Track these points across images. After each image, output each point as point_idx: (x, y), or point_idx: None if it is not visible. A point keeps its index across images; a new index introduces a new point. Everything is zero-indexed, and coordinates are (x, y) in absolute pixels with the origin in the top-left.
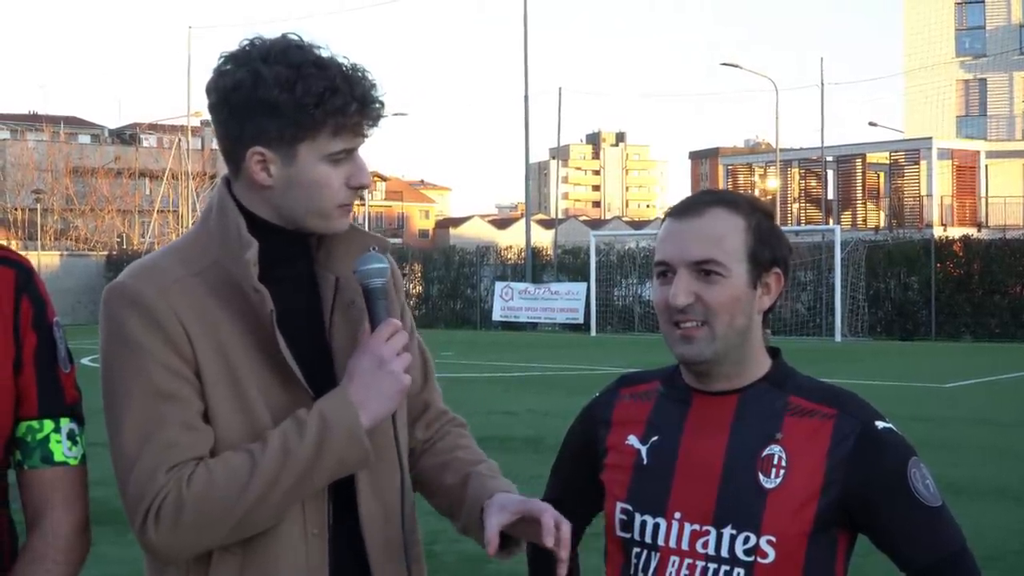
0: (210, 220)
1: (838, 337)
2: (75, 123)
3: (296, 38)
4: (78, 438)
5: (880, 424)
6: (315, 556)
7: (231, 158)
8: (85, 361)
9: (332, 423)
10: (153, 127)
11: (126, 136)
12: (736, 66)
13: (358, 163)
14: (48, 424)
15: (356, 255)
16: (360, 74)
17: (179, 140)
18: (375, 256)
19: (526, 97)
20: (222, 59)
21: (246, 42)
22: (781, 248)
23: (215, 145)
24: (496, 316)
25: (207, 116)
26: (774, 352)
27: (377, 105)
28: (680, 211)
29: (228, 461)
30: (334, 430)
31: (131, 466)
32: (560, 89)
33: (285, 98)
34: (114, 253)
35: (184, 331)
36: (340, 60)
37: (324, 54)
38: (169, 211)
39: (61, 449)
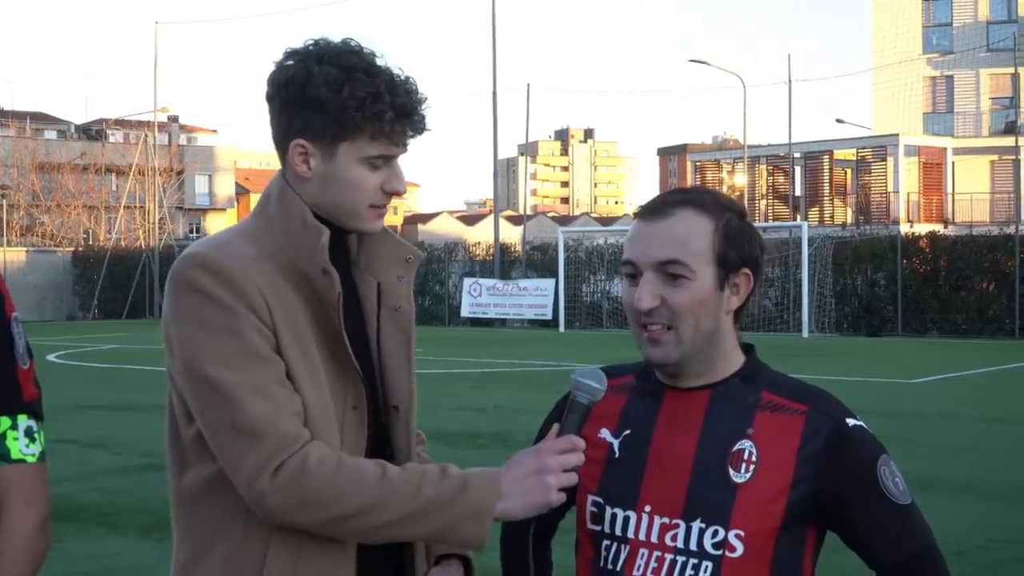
0: (270, 209)
1: (805, 333)
2: (41, 119)
3: (355, 44)
4: (36, 435)
5: (851, 422)
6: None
7: (280, 148)
8: (51, 357)
9: (469, 494)
10: (120, 123)
11: (92, 132)
12: (704, 63)
13: (395, 170)
14: (4, 421)
15: (394, 262)
16: (406, 86)
17: (145, 136)
18: (598, 376)
19: (494, 93)
20: (284, 55)
21: (311, 41)
22: (751, 247)
23: (182, 141)
24: (465, 312)
25: (174, 112)
26: (747, 348)
27: (416, 117)
28: (648, 211)
29: (361, 463)
30: (467, 501)
31: (254, 420)
32: (528, 85)
33: (331, 97)
34: (80, 249)
35: (266, 303)
36: (391, 70)
37: (378, 63)
38: (135, 207)
39: (18, 446)
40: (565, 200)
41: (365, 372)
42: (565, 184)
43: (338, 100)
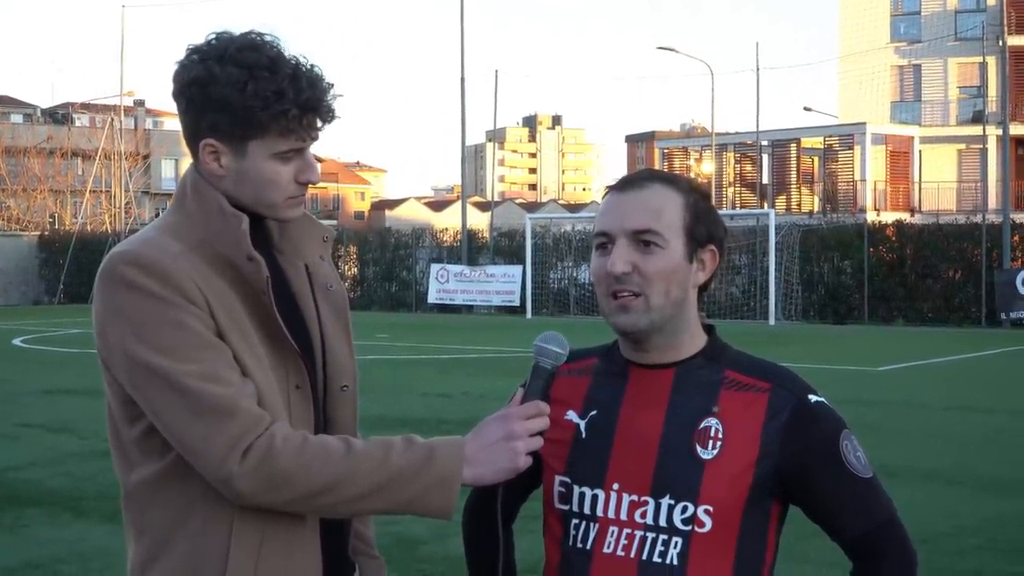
0: (186, 202)
1: (772, 321)
2: (7, 102)
3: (256, 37)
4: None
5: (813, 398)
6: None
7: (190, 146)
8: (17, 342)
9: (436, 461)
10: (86, 106)
11: (59, 116)
12: (672, 50)
13: (307, 160)
14: None
15: (313, 243)
16: (310, 78)
17: (111, 120)
18: (559, 340)
19: (462, 79)
20: (187, 52)
21: (212, 37)
22: (716, 228)
23: (148, 125)
24: (432, 299)
25: (140, 96)
26: (708, 328)
27: (322, 109)
28: (621, 185)
29: (326, 439)
30: (434, 468)
31: (215, 405)
32: (496, 71)
33: (235, 98)
34: (46, 233)
35: (201, 293)
36: (293, 62)
37: (282, 55)
38: (101, 191)
39: None
40: (533, 187)
41: (306, 353)
42: (533, 171)
43: (242, 100)
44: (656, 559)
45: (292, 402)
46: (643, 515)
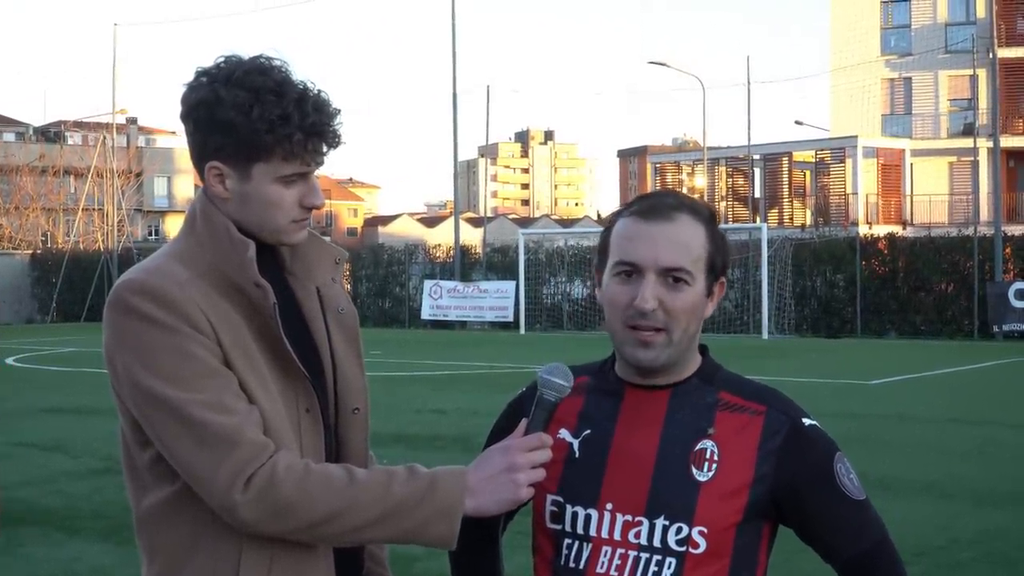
0: (196, 227)
1: (765, 334)
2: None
3: (264, 61)
4: None
5: (807, 421)
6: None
7: (197, 169)
8: (10, 360)
9: (438, 492)
10: (78, 124)
11: (51, 134)
12: (663, 64)
13: (312, 184)
14: None
15: (325, 265)
16: (316, 103)
17: (104, 137)
18: (564, 372)
19: (454, 95)
20: (195, 74)
21: (221, 59)
22: (728, 257)
23: (141, 143)
24: (425, 315)
25: (132, 114)
26: (702, 349)
27: (328, 134)
28: (648, 212)
29: (328, 468)
30: (437, 499)
31: (219, 435)
32: (488, 87)
33: (241, 121)
34: (38, 252)
35: (208, 320)
36: (300, 87)
37: (289, 79)
38: (94, 209)
39: None
40: (525, 202)
41: (316, 376)
42: (525, 186)
43: (248, 123)
44: None
45: (302, 426)
46: (637, 535)
